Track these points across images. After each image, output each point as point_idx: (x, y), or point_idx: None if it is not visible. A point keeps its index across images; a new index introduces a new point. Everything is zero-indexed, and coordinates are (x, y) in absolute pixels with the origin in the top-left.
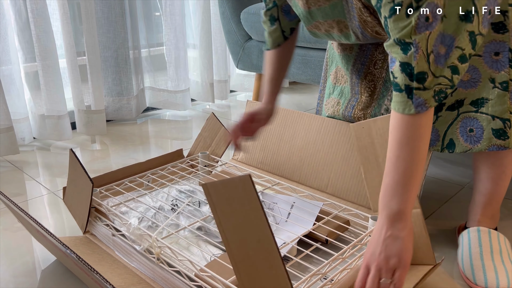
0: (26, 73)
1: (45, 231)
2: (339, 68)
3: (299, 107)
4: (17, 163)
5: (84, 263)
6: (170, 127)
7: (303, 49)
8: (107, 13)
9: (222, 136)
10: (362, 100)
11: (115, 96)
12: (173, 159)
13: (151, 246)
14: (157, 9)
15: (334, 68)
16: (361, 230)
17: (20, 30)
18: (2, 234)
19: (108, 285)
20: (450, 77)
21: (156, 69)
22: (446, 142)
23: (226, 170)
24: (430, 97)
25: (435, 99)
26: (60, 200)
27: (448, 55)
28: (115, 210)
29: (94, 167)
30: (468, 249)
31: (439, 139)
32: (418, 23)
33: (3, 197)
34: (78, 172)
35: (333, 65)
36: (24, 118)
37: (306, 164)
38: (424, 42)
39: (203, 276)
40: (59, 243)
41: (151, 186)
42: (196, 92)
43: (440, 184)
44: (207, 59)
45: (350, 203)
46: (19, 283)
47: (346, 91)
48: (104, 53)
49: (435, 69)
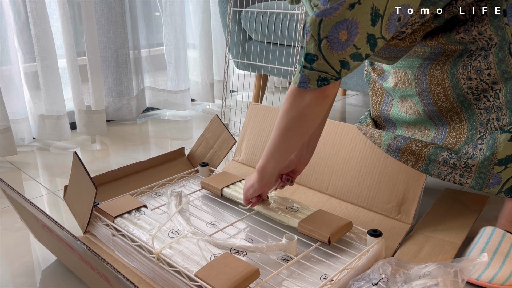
0: (26, 73)
1: (54, 222)
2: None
3: None
4: (16, 163)
5: (94, 254)
6: (170, 127)
7: (303, 49)
8: (107, 13)
9: (225, 139)
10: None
11: (115, 96)
12: (174, 157)
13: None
14: (157, 9)
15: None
16: (362, 230)
17: (20, 30)
18: (2, 234)
19: (119, 275)
20: (338, 69)
21: (156, 69)
22: (506, 187)
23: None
24: (314, 79)
25: (317, 83)
26: (60, 200)
27: (347, 46)
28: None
29: (94, 167)
30: (474, 244)
31: (500, 184)
32: (314, 9)
33: (10, 189)
34: (81, 175)
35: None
36: (23, 119)
37: None
38: (314, 27)
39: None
40: (68, 233)
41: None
42: (196, 92)
43: (440, 184)
44: (207, 59)
45: (351, 205)
46: (19, 283)
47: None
48: (104, 53)
49: (328, 55)
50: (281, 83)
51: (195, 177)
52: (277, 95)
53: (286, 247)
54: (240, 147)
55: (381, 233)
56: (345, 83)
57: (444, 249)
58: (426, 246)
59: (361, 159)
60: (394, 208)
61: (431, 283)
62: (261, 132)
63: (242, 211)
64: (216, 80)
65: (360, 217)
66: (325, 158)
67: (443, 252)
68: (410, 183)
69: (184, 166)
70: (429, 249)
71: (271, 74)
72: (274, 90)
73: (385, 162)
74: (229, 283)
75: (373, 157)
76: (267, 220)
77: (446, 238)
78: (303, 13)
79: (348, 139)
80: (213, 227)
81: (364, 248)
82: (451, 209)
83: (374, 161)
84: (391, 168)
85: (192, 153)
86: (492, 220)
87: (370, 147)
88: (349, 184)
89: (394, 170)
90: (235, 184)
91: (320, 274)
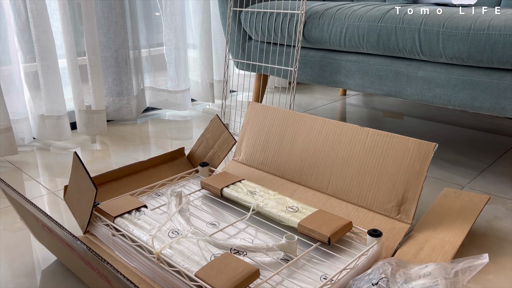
0: (26, 73)
1: (54, 222)
2: None
3: (299, 107)
4: (17, 163)
5: (94, 254)
6: (170, 127)
7: (303, 49)
8: (107, 13)
9: (225, 139)
10: None
11: (115, 96)
12: (174, 157)
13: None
14: (157, 9)
15: None
16: (362, 230)
17: (20, 30)
18: (2, 234)
19: (119, 275)
20: None
21: (156, 69)
22: None
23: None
24: None
25: None
26: (60, 200)
27: None
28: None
29: (94, 167)
30: None
31: None
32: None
33: (10, 189)
34: (81, 175)
35: None
36: (24, 119)
37: (306, 165)
38: None
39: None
40: (68, 233)
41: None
42: (196, 92)
43: (440, 184)
44: (207, 59)
45: (351, 204)
46: (19, 283)
47: None
48: (104, 53)
49: None
50: (281, 83)
51: (195, 177)
52: (277, 95)
53: (286, 247)
54: (239, 147)
55: (381, 233)
56: (345, 83)
57: (444, 249)
58: (426, 246)
59: (361, 159)
60: (394, 208)
61: (431, 283)
62: (261, 131)
63: (242, 211)
64: (216, 80)
65: (360, 217)
66: (324, 158)
67: (443, 252)
68: (409, 182)
69: (184, 166)
70: (429, 249)
71: (271, 74)
72: (274, 90)
73: (384, 162)
74: (229, 283)
75: (373, 157)
76: (267, 220)
77: (446, 238)
78: (303, 13)
79: (347, 139)
80: (213, 227)
81: (364, 248)
82: (451, 209)
83: (374, 161)
84: (390, 168)
85: (192, 153)
86: (492, 220)
87: (370, 147)
88: (348, 184)
89: (393, 170)
90: (235, 184)
91: (320, 274)
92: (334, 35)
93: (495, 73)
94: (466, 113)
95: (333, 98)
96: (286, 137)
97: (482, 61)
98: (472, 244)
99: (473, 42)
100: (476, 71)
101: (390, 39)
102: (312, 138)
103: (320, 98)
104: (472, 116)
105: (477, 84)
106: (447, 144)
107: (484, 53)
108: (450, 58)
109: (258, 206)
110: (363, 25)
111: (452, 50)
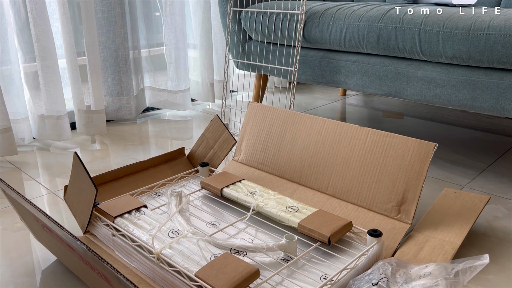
0: (26, 73)
1: (54, 222)
2: None
3: (299, 107)
4: (16, 163)
5: (94, 254)
6: (170, 127)
7: (303, 49)
8: (107, 13)
9: (226, 139)
10: None
11: (115, 96)
12: (174, 157)
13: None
14: (157, 9)
15: None
16: (362, 230)
17: (20, 30)
18: (2, 234)
19: (119, 275)
20: None
21: (156, 69)
22: None
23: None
24: None
25: None
26: (60, 200)
27: None
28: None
29: (94, 167)
30: None
31: None
32: None
33: (10, 189)
34: (81, 175)
35: None
36: (24, 119)
37: (306, 165)
38: None
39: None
40: (68, 233)
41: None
42: (196, 92)
43: (440, 184)
44: (207, 59)
45: (351, 204)
46: (19, 283)
47: None
48: (104, 53)
49: None
50: (281, 83)
51: (195, 177)
52: (277, 95)
53: (286, 247)
54: (239, 147)
55: (381, 233)
56: (345, 83)
57: (444, 249)
58: (426, 246)
59: (361, 159)
60: (394, 208)
61: (432, 283)
62: (261, 131)
63: (242, 211)
64: (216, 80)
65: (360, 217)
66: (324, 158)
67: (443, 252)
68: (409, 182)
69: (184, 166)
70: (429, 249)
71: (271, 74)
72: (274, 90)
73: (384, 161)
74: (229, 283)
75: (373, 157)
76: (267, 220)
77: (446, 238)
78: (303, 13)
79: (347, 139)
80: (213, 227)
81: (364, 248)
82: (451, 209)
83: (374, 161)
84: (390, 168)
85: (192, 153)
86: (492, 220)
87: (370, 147)
88: (348, 184)
89: (393, 169)
90: (235, 184)
91: (320, 274)
92: (334, 35)
93: (495, 73)
94: (466, 113)
95: (333, 98)
96: (286, 137)
97: (482, 61)
98: (472, 244)
99: (473, 42)
100: (476, 71)
101: (390, 39)
102: (312, 138)
103: (320, 98)
104: (472, 116)
105: (477, 84)
106: (447, 144)
107: (484, 53)
108: (450, 58)
109: (258, 206)
110: (363, 25)
111: (452, 50)
